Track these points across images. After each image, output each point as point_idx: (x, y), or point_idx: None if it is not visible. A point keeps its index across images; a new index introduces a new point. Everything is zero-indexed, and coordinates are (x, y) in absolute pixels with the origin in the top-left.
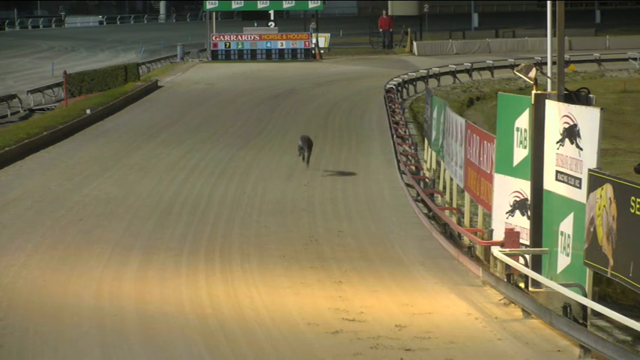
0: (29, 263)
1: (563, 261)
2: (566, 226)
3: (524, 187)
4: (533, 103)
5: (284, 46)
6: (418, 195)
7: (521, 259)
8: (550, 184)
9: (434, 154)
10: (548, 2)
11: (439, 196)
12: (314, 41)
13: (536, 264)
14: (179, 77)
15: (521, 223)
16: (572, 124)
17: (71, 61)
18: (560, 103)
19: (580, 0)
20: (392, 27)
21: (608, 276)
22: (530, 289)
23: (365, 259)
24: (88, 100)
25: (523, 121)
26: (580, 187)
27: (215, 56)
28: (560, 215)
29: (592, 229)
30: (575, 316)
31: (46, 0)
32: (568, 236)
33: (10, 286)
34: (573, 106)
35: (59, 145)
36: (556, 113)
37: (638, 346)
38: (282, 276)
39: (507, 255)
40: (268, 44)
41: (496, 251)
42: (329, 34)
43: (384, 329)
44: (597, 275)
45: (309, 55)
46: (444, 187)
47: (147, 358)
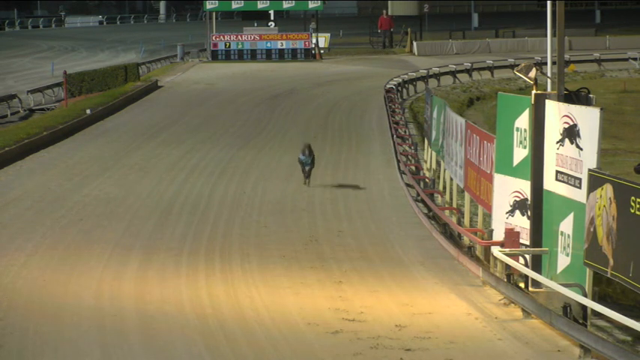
0: (29, 263)
1: (563, 261)
2: (566, 226)
3: (524, 187)
4: (533, 103)
5: (284, 46)
6: (418, 195)
7: (521, 259)
8: (550, 184)
9: (434, 154)
10: (548, 2)
11: (439, 196)
12: (314, 41)
13: (536, 264)
14: (179, 77)
15: (521, 223)
16: (572, 124)
17: (71, 61)
18: (560, 103)
19: (580, 0)
20: (392, 27)
21: (608, 276)
22: (530, 289)
23: (365, 259)
24: (88, 100)
25: (523, 121)
26: (580, 187)
27: (215, 56)
28: (560, 215)
29: (592, 229)
30: (575, 316)
31: (46, 0)
32: (568, 236)
33: (10, 286)
34: (573, 106)
35: (59, 145)
36: (556, 113)
37: (638, 346)
38: (282, 276)
39: (507, 255)
40: (268, 44)
41: (496, 251)
42: (329, 34)
43: (384, 329)
44: (597, 275)
45: (309, 55)
46: (444, 187)
47: (147, 358)
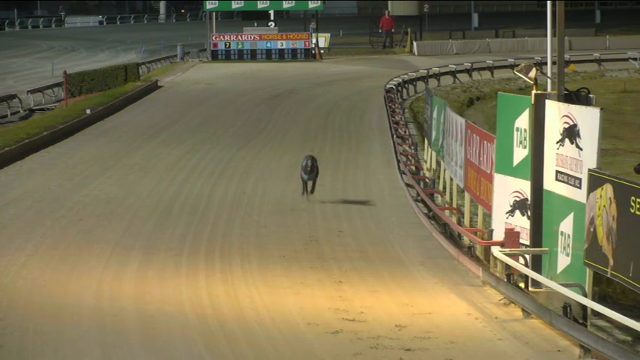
0: (29, 263)
1: (563, 261)
2: (566, 226)
3: (524, 187)
4: (533, 103)
5: (284, 46)
6: (418, 195)
7: (521, 259)
8: (550, 184)
9: (434, 154)
10: (548, 2)
11: (439, 196)
12: (314, 41)
13: (536, 264)
14: (179, 77)
15: (521, 223)
16: (572, 124)
17: (71, 61)
18: (560, 103)
19: (580, 0)
20: (394, 27)
21: (608, 276)
22: (530, 289)
23: (365, 259)
24: (88, 100)
25: (523, 121)
26: (580, 187)
27: (215, 56)
28: (560, 215)
29: (592, 229)
30: (575, 316)
31: (46, 0)
32: (568, 236)
33: (10, 286)
34: (573, 106)
35: (59, 145)
36: (556, 113)
37: (638, 346)
38: (282, 276)
39: (507, 255)
40: (268, 44)
41: (496, 251)
42: (329, 34)
43: (384, 329)
44: (597, 275)
45: (309, 55)
46: (444, 187)
47: (147, 358)
